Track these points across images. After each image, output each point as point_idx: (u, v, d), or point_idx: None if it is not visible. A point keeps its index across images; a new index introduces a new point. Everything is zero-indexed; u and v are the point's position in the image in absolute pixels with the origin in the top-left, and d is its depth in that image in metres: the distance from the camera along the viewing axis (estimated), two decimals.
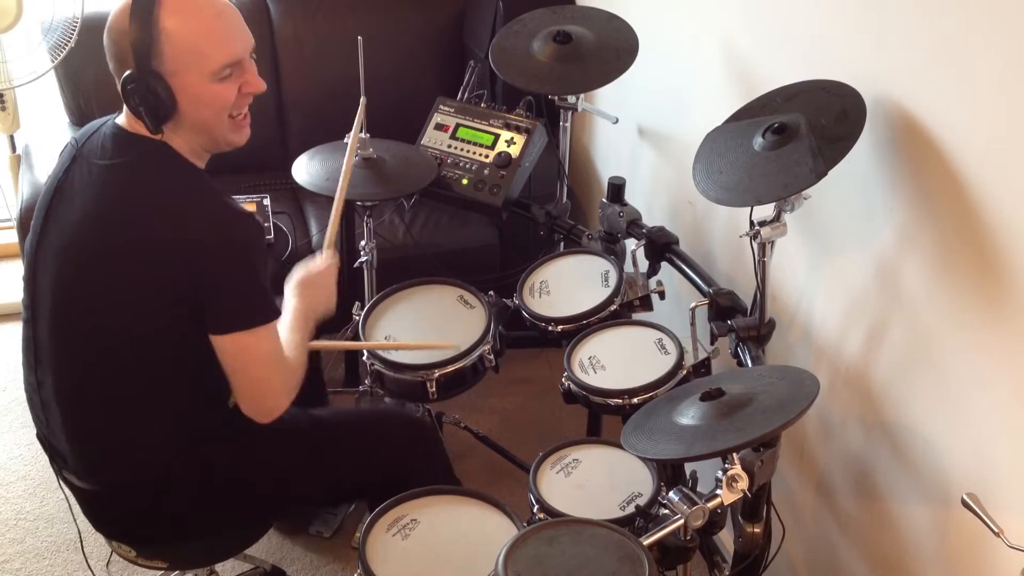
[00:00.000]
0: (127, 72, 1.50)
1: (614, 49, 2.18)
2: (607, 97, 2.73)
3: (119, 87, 1.52)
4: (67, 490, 1.73)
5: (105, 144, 1.58)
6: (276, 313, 1.59)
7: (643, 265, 2.11)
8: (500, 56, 2.22)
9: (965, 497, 1.27)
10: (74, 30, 2.58)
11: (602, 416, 2.29)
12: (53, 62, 2.62)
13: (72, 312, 1.58)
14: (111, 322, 1.56)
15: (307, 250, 2.74)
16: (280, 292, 1.81)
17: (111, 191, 1.55)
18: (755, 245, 1.65)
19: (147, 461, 1.64)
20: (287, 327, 1.69)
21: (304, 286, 1.77)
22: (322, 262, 1.82)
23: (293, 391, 1.64)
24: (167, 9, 1.49)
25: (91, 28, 2.92)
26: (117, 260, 1.54)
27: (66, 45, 2.59)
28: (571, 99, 2.34)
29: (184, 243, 1.50)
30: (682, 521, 1.42)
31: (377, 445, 1.84)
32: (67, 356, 1.60)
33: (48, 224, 1.59)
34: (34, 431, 1.76)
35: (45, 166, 2.87)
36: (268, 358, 1.59)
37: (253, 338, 1.55)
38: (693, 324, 1.88)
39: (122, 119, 1.60)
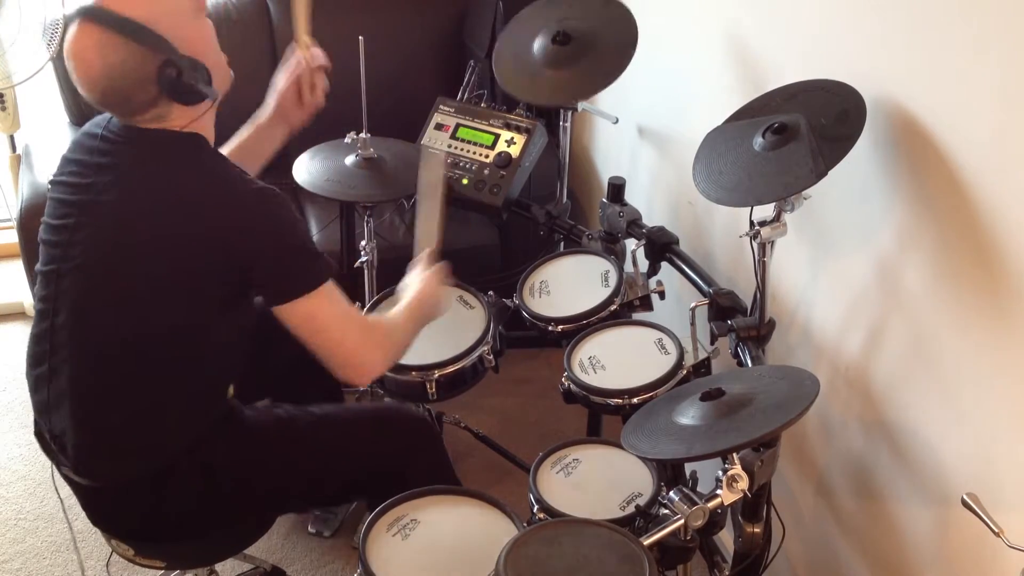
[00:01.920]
0: (159, 76, 1.49)
1: (613, 43, 2.16)
2: (607, 97, 2.73)
3: (162, 96, 1.52)
4: (61, 493, 1.73)
5: (121, 140, 1.58)
6: (330, 270, 1.60)
7: (643, 265, 2.11)
8: (502, 65, 2.23)
9: (965, 497, 1.26)
10: (56, 33, 2.57)
11: (602, 416, 2.29)
12: (37, 66, 2.62)
13: (97, 303, 1.58)
14: (137, 316, 1.56)
15: None
16: None
17: (145, 186, 1.55)
18: (755, 245, 1.65)
19: (151, 456, 1.64)
20: (401, 307, 1.76)
21: (427, 285, 1.83)
22: (427, 273, 1.87)
23: (384, 349, 1.68)
24: (121, 6, 1.48)
25: None
26: (152, 255, 1.54)
27: (49, 47, 2.59)
28: None
29: (218, 232, 1.51)
30: (682, 521, 1.42)
31: (378, 441, 1.84)
32: (87, 348, 1.60)
33: (77, 219, 1.59)
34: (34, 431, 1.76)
35: (45, 166, 2.87)
36: (337, 316, 1.61)
37: (315, 300, 1.57)
38: (693, 324, 1.88)
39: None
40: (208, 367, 1.65)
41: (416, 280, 1.85)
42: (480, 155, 2.32)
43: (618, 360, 1.89)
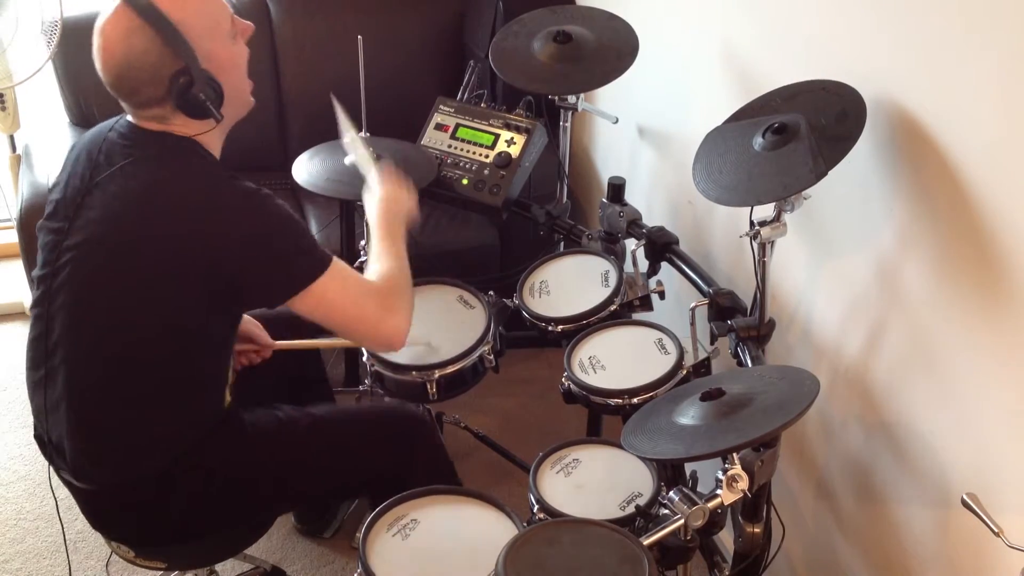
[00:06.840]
0: (172, 80, 1.51)
1: (614, 49, 2.18)
2: (607, 97, 2.74)
3: (169, 99, 1.53)
4: (56, 494, 1.73)
5: (123, 143, 1.58)
6: (330, 256, 1.61)
7: (643, 265, 2.11)
8: (500, 56, 2.22)
9: (965, 497, 1.26)
10: (55, 32, 2.58)
11: (602, 416, 2.29)
12: (36, 66, 2.62)
13: (91, 308, 1.58)
14: (129, 317, 1.56)
15: None
16: None
17: (132, 188, 1.55)
18: (755, 245, 1.65)
19: (149, 460, 1.64)
20: (376, 251, 1.74)
21: (386, 195, 1.83)
22: (381, 178, 1.88)
23: (401, 309, 1.67)
24: (165, 3, 1.51)
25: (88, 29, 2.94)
26: (138, 256, 1.54)
27: (48, 46, 2.59)
28: (571, 99, 2.34)
29: (201, 237, 1.51)
30: (682, 521, 1.42)
31: (377, 442, 1.84)
32: (82, 352, 1.60)
33: (69, 223, 1.59)
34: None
35: (45, 166, 2.87)
36: (351, 292, 1.62)
37: (324, 285, 1.58)
38: (693, 324, 1.88)
39: (133, 118, 1.60)
40: (202, 370, 1.65)
41: (374, 203, 1.83)
42: (480, 155, 2.32)
43: (618, 360, 1.89)
